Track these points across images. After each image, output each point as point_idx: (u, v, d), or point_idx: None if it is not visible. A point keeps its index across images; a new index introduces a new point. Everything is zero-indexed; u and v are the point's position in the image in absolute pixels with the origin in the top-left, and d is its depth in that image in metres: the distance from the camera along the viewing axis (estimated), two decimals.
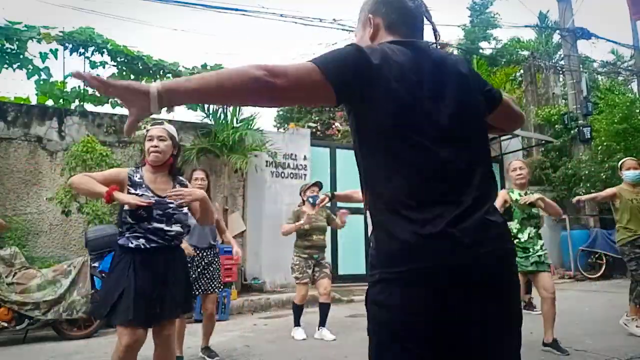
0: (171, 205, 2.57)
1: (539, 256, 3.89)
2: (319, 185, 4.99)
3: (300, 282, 4.70)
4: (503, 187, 9.14)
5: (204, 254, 3.95)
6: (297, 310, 4.81)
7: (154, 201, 2.49)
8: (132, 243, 2.48)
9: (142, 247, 2.48)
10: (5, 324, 4.67)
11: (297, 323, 4.80)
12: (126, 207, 2.47)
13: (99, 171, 6.20)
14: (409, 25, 1.31)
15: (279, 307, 6.85)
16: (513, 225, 4.01)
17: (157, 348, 2.65)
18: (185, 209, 2.68)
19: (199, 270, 3.92)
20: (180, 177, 2.77)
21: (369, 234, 1.20)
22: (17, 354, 4.50)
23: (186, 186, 2.75)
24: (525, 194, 4.04)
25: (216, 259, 4.07)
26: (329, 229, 5.10)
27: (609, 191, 4.65)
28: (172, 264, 2.60)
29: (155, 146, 2.56)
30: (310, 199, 4.84)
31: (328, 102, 1.14)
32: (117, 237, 2.58)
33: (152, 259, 2.50)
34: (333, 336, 4.65)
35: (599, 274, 9.40)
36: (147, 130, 2.62)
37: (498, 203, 4.00)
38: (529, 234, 3.96)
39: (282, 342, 4.61)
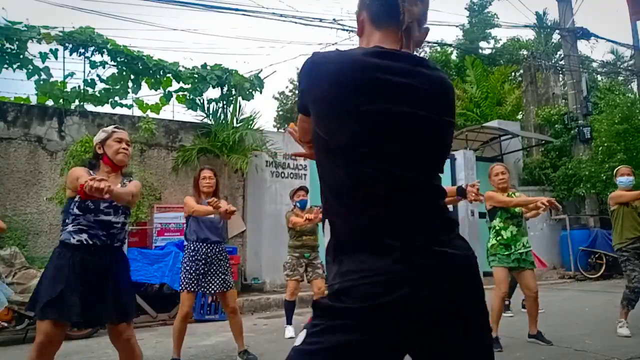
0: None
1: (521, 254, 4.10)
2: (304, 189, 5.25)
3: (291, 278, 4.93)
4: None
5: (216, 247, 3.92)
6: (289, 307, 5.00)
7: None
8: (74, 238, 2.46)
9: (85, 242, 2.46)
10: (5, 324, 4.67)
11: (289, 321, 4.98)
12: (77, 197, 2.49)
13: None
14: (392, 13, 1.12)
15: (279, 307, 6.84)
16: (496, 224, 4.24)
17: (120, 353, 2.60)
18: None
19: (212, 264, 3.86)
20: (128, 177, 2.86)
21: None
22: (17, 354, 4.50)
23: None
24: (508, 196, 4.25)
25: (226, 255, 4.04)
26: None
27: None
28: (115, 265, 2.56)
29: (125, 149, 2.68)
30: (298, 204, 5.13)
31: None
32: (60, 233, 2.56)
33: (94, 258, 2.47)
34: None
35: (599, 274, 9.40)
36: (114, 132, 2.68)
37: (497, 201, 4.18)
38: (511, 232, 4.16)
39: (282, 342, 4.61)
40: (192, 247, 3.87)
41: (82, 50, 7.64)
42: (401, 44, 1.11)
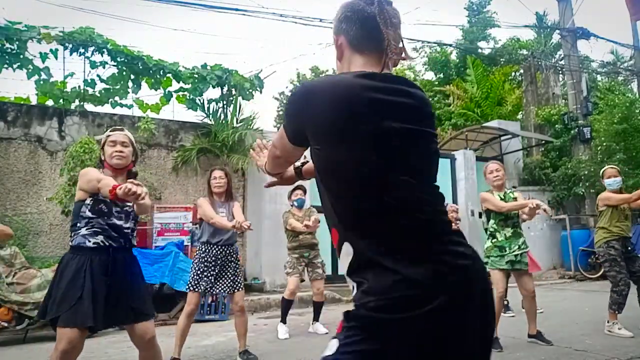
0: (129, 204, 2.60)
1: (515, 255, 4.07)
2: (302, 188, 5.17)
3: (291, 275, 4.91)
4: None
5: (226, 249, 3.93)
6: (286, 306, 4.97)
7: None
8: (89, 241, 2.45)
9: (102, 244, 2.46)
10: (5, 324, 4.68)
11: (283, 320, 4.94)
12: (88, 200, 2.48)
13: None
14: (373, 38, 1.14)
15: (279, 307, 6.82)
16: (491, 225, 4.22)
17: (142, 352, 2.59)
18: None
19: (222, 266, 3.88)
20: (134, 176, 2.80)
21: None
22: (17, 354, 4.50)
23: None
24: (505, 194, 4.23)
25: (236, 256, 4.04)
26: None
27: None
28: (131, 264, 2.60)
29: (120, 151, 2.60)
30: (295, 202, 5.12)
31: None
32: (70, 239, 2.53)
33: (112, 258, 2.48)
34: (326, 330, 4.88)
35: (599, 274, 9.38)
36: (108, 136, 2.65)
37: (490, 205, 4.15)
38: (505, 234, 4.14)
39: (282, 342, 4.60)
40: (203, 249, 3.88)
41: (82, 50, 7.65)
42: (382, 66, 1.14)
